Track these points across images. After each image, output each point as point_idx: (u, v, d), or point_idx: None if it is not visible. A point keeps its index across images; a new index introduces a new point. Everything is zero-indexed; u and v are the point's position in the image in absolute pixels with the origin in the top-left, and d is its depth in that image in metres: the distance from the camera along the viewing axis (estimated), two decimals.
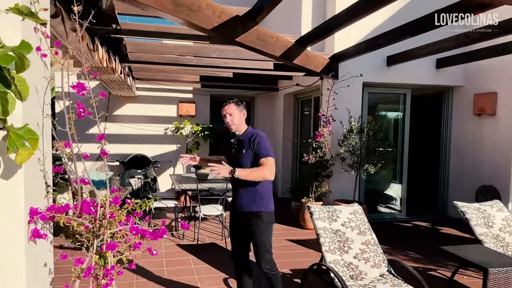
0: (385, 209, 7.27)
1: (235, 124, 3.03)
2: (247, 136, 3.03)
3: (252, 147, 2.93)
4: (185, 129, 8.72)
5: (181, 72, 7.50)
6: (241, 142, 3.04)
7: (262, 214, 2.93)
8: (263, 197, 2.97)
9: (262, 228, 2.93)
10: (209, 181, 6.04)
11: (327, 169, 6.13)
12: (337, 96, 6.18)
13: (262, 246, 2.94)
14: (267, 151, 2.90)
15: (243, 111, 3.08)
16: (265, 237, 2.95)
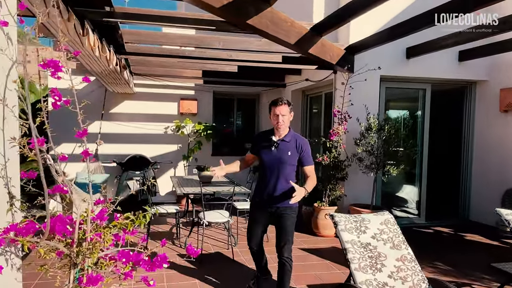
0: (402, 213, 6.75)
1: (285, 125, 3.23)
2: (293, 139, 3.27)
3: (299, 152, 3.25)
4: (187, 128, 8.20)
5: (182, 66, 6.98)
6: (286, 144, 3.25)
7: (294, 209, 3.26)
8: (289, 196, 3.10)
9: (291, 220, 3.23)
10: (214, 184, 5.53)
11: (343, 171, 5.61)
12: (352, 91, 5.66)
13: (289, 237, 3.20)
14: (312, 160, 3.31)
15: (291, 112, 3.25)
16: (292, 228, 3.24)
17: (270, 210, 3.29)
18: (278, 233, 3.25)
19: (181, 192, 4.81)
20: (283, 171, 3.26)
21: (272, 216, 3.30)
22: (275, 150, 3.26)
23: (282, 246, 3.19)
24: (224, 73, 7.71)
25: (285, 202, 3.20)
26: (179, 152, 8.27)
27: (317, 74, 6.87)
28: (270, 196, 3.27)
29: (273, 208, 3.26)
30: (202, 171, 5.63)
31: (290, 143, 3.25)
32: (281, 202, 3.23)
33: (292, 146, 3.24)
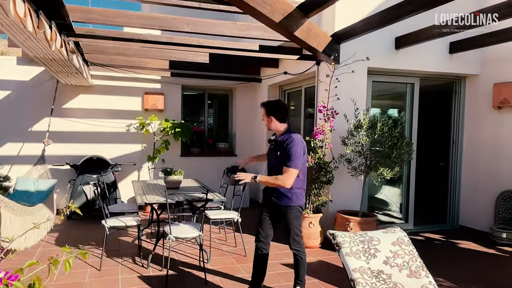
0: (387, 218, 6.22)
1: (269, 126, 3.40)
2: (285, 138, 3.28)
3: (282, 151, 3.24)
4: (152, 126, 7.36)
5: (145, 55, 6.15)
6: (278, 144, 3.32)
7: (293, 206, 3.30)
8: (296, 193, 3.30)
9: (292, 216, 3.30)
10: (183, 191, 4.76)
11: (328, 174, 4.98)
12: (339, 84, 5.04)
13: (293, 231, 3.34)
14: (291, 161, 3.15)
15: (270, 117, 3.33)
16: (295, 222, 3.34)
17: (273, 207, 3.39)
18: (283, 229, 3.40)
19: (141, 201, 4.01)
20: (274, 168, 3.32)
21: (276, 213, 3.39)
22: (271, 149, 3.44)
23: (287, 240, 3.38)
24: (194, 64, 6.95)
25: (283, 200, 3.29)
26: (143, 153, 7.42)
27: (296, 67, 6.23)
28: (270, 194, 3.37)
29: (274, 205, 3.36)
30: (169, 175, 4.85)
31: (281, 142, 3.28)
32: (279, 200, 3.31)
33: (280, 145, 3.27)
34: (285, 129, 3.35)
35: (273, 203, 3.34)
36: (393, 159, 4.53)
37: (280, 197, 3.29)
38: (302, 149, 3.22)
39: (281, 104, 3.47)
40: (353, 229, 4.74)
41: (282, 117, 3.34)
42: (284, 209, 3.29)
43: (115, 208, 5.12)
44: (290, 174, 3.13)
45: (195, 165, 7.70)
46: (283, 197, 3.27)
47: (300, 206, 3.34)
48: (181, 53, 6.32)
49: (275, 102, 3.43)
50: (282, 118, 3.34)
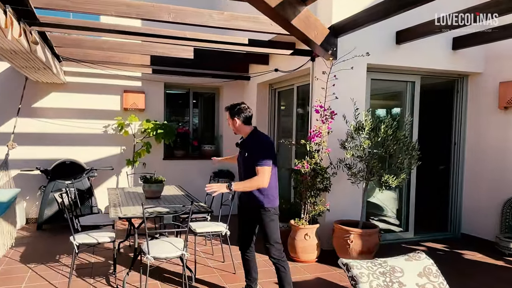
0: (385, 225, 5.80)
1: (234, 129, 3.40)
2: (250, 139, 3.29)
3: (251, 152, 3.20)
4: (132, 127, 6.79)
5: (123, 49, 5.59)
6: (246, 146, 3.30)
7: (268, 209, 3.21)
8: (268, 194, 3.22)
9: (266, 220, 3.21)
10: (164, 200, 4.24)
11: (326, 180, 4.53)
12: (336, 82, 4.59)
13: (270, 236, 3.21)
14: (263, 159, 3.09)
15: (234, 119, 3.30)
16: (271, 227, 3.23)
17: (249, 211, 3.34)
18: (261, 235, 3.30)
19: (115, 215, 3.47)
20: (246, 172, 3.26)
21: (253, 217, 3.32)
22: (240, 153, 3.40)
23: (264, 246, 3.27)
24: (177, 60, 6.41)
25: (254, 202, 3.23)
26: (122, 156, 6.84)
27: (288, 63, 5.75)
28: (244, 197, 3.33)
29: (250, 208, 3.30)
30: (149, 183, 4.32)
31: (248, 143, 3.30)
32: (251, 202, 3.25)
33: (248, 146, 3.27)
34: (251, 130, 3.32)
35: (248, 206, 3.32)
36: (399, 164, 4.10)
37: (252, 199, 3.23)
38: (271, 147, 3.22)
39: (244, 106, 3.36)
40: (353, 242, 4.29)
41: (246, 119, 3.31)
42: (257, 211, 3.22)
43: (88, 220, 4.56)
44: (264, 172, 3.08)
45: (179, 169, 7.16)
46: (255, 199, 3.22)
47: (274, 208, 3.26)
48: (163, 47, 5.78)
49: (237, 104, 3.36)
50: (247, 120, 3.31)
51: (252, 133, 3.30)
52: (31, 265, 4.40)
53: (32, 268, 4.31)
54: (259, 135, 3.30)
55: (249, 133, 3.31)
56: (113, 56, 6.14)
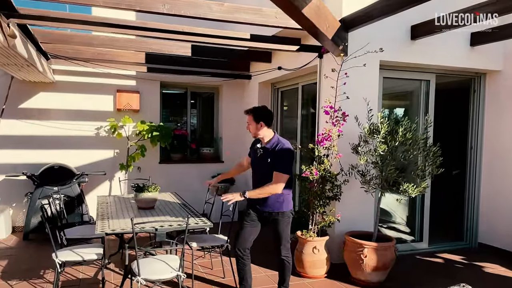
0: (392, 233, 5.39)
1: (252, 133, 3.37)
2: (274, 145, 3.27)
3: (273, 157, 3.22)
4: (126, 129, 6.38)
5: (115, 45, 5.19)
6: (267, 151, 3.28)
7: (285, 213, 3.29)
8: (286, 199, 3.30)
9: (283, 225, 3.30)
10: (158, 212, 3.83)
11: (336, 188, 4.13)
12: (348, 80, 4.19)
13: (282, 239, 3.32)
14: (283, 167, 3.16)
15: (260, 123, 3.28)
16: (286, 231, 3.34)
17: (262, 214, 3.35)
18: (273, 236, 3.36)
19: (101, 230, 3.06)
20: (264, 177, 3.24)
21: (265, 220, 3.37)
22: (259, 157, 3.36)
23: (278, 247, 3.35)
24: (174, 58, 6.04)
25: (274, 207, 3.27)
26: (116, 160, 6.43)
27: (293, 61, 5.36)
28: (258, 201, 3.30)
29: (265, 212, 3.32)
30: (141, 192, 3.91)
31: (270, 150, 3.27)
32: (271, 207, 3.28)
33: (269, 152, 3.26)
34: (274, 135, 3.33)
35: (262, 211, 3.30)
36: (419, 172, 3.70)
37: (271, 203, 3.25)
38: (293, 155, 3.29)
39: (268, 109, 3.42)
40: (367, 257, 3.89)
41: (270, 122, 3.34)
42: (276, 216, 3.26)
43: (75, 232, 4.15)
44: (283, 179, 3.13)
45: (176, 174, 6.76)
46: (275, 203, 3.25)
47: (291, 211, 3.35)
48: (158, 43, 5.39)
49: (263, 108, 3.39)
50: (270, 124, 3.34)
51: (276, 139, 3.29)
52: (12, 282, 3.99)
53: (13, 286, 3.90)
54: (284, 142, 3.28)
55: (272, 138, 3.29)
56: (105, 53, 5.75)
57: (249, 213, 3.40)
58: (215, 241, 3.94)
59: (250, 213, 3.39)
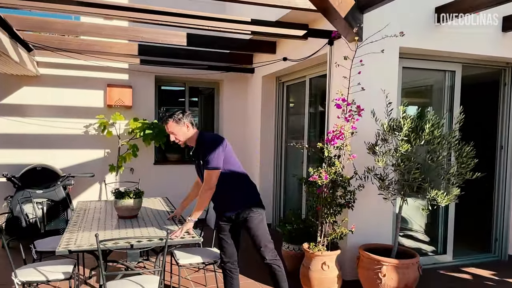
0: (409, 242, 4.78)
1: (181, 141, 2.97)
2: (198, 144, 2.98)
3: (200, 156, 2.91)
4: (117, 127, 5.85)
5: (101, 33, 4.66)
6: (197, 153, 2.97)
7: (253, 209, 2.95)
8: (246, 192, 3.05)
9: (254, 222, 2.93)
10: (142, 221, 3.28)
11: (349, 194, 3.54)
12: (363, 69, 3.60)
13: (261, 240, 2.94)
14: (208, 161, 2.82)
15: (185, 123, 2.92)
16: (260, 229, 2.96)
17: (230, 221, 3.03)
18: (250, 241, 3.01)
19: (64, 248, 2.51)
20: None
21: (238, 225, 3.04)
22: (197, 165, 3.04)
23: (258, 251, 2.98)
24: (169, 50, 5.51)
25: (233, 207, 2.98)
26: (106, 161, 5.90)
27: (300, 50, 4.78)
28: (222, 207, 3.04)
29: (231, 217, 3.00)
30: (121, 198, 3.37)
31: (198, 149, 2.95)
32: (231, 207, 2.98)
33: (200, 152, 2.93)
34: (198, 133, 2.99)
35: (230, 216, 3.00)
36: (450, 176, 3.09)
37: (232, 204, 2.97)
38: (217, 143, 2.87)
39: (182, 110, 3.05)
40: (386, 276, 3.30)
41: (193, 123, 3.00)
42: (243, 215, 2.93)
43: (47, 244, 3.61)
44: (210, 176, 2.83)
45: (173, 175, 6.22)
46: (235, 203, 2.97)
47: (258, 204, 2.99)
48: (150, 32, 4.87)
49: (177, 111, 3.00)
50: (194, 125, 3.00)
51: (200, 137, 2.96)
52: None
53: None
54: (205, 134, 3.00)
55: (197, 138, 2.96)
56: (94, 44, 5.24)
57: (219, 225, 3.07)
58: (207, 255, 3.37)
59: (220, 225, 3.06)
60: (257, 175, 6.06)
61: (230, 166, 2.94)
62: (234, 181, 2.95)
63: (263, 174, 6.08)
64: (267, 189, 6.06)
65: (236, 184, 2.96)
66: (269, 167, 6.12)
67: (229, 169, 2.93)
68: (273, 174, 6.14)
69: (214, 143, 2.86)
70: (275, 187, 6.16)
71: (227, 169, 2.91)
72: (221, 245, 3.12)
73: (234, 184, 2.95)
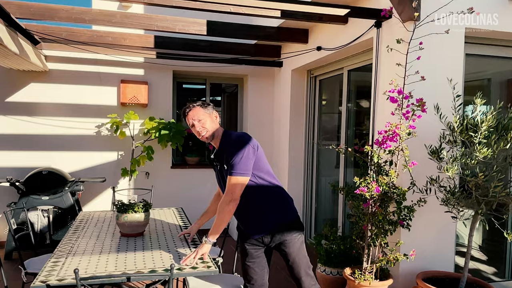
0: (475, 265, 3.98)
1: (209, 131, 2.38)
2: (222, 144, 2.40)
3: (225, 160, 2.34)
4: (131, 127, 5.32)
5: (111, 21, 4.12)
6: (220, 156, 2.41)
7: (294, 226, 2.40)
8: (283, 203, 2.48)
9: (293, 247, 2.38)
10: (147, 242, 2.68)
11: (404, 210, 2.82)
12: (422, 53, 2.87)
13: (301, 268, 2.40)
14: (233, 165, 2.25)
15: (213, 113, 2.44)
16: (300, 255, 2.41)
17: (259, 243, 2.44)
18: (288, 268, 2.45)
19: (41, 281, 1.93)
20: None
21: (269, 249, 2.49)
22: (219, 171, 2.47)
23: (298, 281, 2.42)
24: (188, 42, 4.93)
25: (266, 226, 2.36)
26: (119, 164, 5.38)
27: (337, 37, 4.08)
28: (251, 227, 2.43)
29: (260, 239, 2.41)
30: (124, 212, 2.77)
31: (223, 151, 2.36)
32: (260, 229, 2.38)
33: (224, 154, 2.34)
34: (223, 131, 2.45)
35: (259, 238, 2.40)
36: None
37: (266, 223, 2.37)
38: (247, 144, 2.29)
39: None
40: None
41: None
42: (279, 236, 2.35)
43: (40, 263, 3.07)
44: (234, 183, 2.25)
45: (192, 180, 5.65)
46: (270, 221, 2.37)
47: (298, 221, 2.45)
48: (166, 20, 4.30)
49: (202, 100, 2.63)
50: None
51: (224, 135, 2.42)
52: None
53: None
54: (230, 133, 2.42)
55: (222, 137, 2.42)
56: (105, 36, 4.73)
57: (244, 249, 2.50)
58: (228, 285, 2.73)
59: (246, 249, 2.49)
60: (285, 180, 5.39)
61: (262, 174, 2.36)
62: (266, 193, 2.38)
63: (291, 179, 5.40)
64: (296, 196, 5.37)
65: (268, 198, 2.39)
66: (299, 172, 5.43)
67: (261, 178, 2.36)
68: (303, 180, 5.45)
69: (243, 144, 2.29)
70: (305, 194, 5.47)
71: (258, 178, 2.35)
72: (246, 274, 2.53)
73: (267, 198, 2.38)
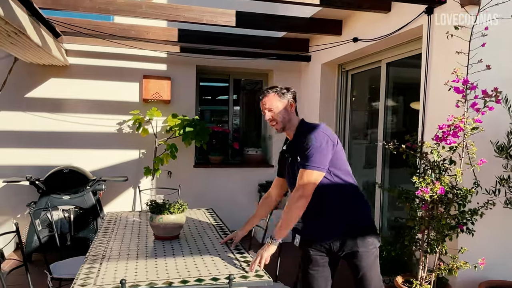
0: None
1: (279, 124, 2.20)
2: (299, 135, 2.15)
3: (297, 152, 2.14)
4: (153, 124, 5.10)
5: (136, 12, 3.91)
6: (294, 148, 2.19)
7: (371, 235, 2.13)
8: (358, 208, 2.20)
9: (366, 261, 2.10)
10: (184, 242, 2.44)
11: (468, 214, 2.54)
12: (488, 40, 2.59)
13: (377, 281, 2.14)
14: (309, 158, 2.02)
15: (290, 101, 2.20)
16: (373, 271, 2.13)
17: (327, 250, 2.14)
18: (356, 282, 2.14)
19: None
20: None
21: (336, 258, 2.19)
22: (290, 164, 2.22)
23: None
24: (213, 35, 4.71)
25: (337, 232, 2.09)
26: (142, 163, 5.16)
27: (376, 27, 3.81)
28: (309, 228, 2.17)
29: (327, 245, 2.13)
30: (159, 213, 2.54)
31: (299, 143, 2.11)
32: (331, 235, 2.10)
33: (300, 147, 2.08)
34: (300, 121, 2.23)
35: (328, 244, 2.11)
36: None
37: (338, 228, 2.10)
38: (326, 136, 2.06)
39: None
40: None
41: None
42: (352, 249, 2.06)
43: (67, 269, 2.85)
44: (307, 177, 2.00)
45: (216, 181, 5.42)
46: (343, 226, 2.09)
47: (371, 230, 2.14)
48: (193, 10, 4.07)
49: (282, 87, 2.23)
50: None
51: (301, 126, 2.20)
52: None
53: None
54: (308, 123, 2.21)
55: (298, 127, 2.21)
56: (129, 29, 4.54)
57: (308, 255, 2.20)
58: None
59: (310, 256, 2.20)
60: None
61: (338, 172, 2.12)
62: (342, 194, 2.13)
63: None
64: None
65: (343, 199, 2.13)
66: None
67: (336, 175, 2.11)
68: None
69: (321, 135, 2.06)
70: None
71: (334, 176, 2.11)
72: (308, 285, 2.24)
73: (341, 199, 2.13)
